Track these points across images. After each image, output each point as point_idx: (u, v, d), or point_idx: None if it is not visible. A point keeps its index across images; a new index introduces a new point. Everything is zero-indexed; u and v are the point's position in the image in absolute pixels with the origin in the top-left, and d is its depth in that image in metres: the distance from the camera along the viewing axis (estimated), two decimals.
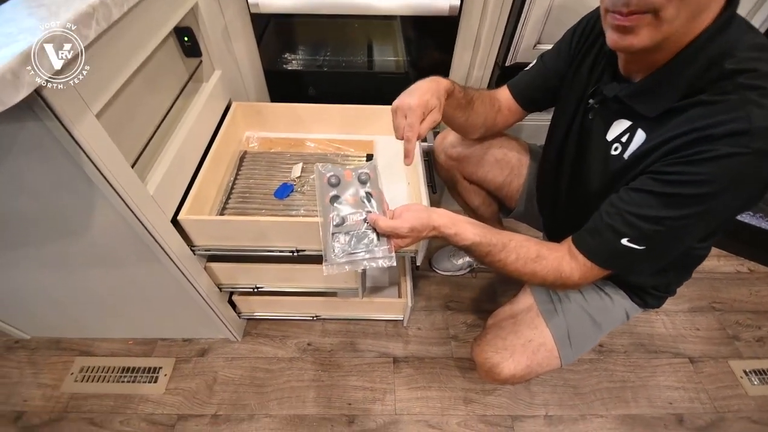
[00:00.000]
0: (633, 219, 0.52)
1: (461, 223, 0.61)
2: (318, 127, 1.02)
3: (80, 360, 1.04)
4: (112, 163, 0.55)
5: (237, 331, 1.06)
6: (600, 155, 0.61)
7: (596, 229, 0.57)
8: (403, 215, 0.60)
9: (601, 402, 1.01)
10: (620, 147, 0.57)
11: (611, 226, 0.55)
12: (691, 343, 1.12)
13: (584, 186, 0.65)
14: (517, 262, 0.61)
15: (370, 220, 0.60)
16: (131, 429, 0.93)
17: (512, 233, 0.63)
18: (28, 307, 0.95)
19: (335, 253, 0.58)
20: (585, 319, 0.76)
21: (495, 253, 0.61)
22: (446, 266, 1.23)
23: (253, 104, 0.98)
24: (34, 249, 0.73)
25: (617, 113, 0.58)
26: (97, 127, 0.52)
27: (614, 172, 0.58)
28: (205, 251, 0.80)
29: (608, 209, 0.56)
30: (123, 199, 0.58)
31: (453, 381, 1.03)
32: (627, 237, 0.53)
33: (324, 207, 0.62)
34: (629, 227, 0.53)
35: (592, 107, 0.63)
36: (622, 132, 0.57)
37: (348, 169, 0.65)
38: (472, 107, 0.74)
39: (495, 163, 0.88)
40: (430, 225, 0.60)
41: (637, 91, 0.54)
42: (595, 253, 0.58)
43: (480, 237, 0.60)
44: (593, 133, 0.63)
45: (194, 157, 0.82)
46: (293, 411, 0.97)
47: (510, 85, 0.79)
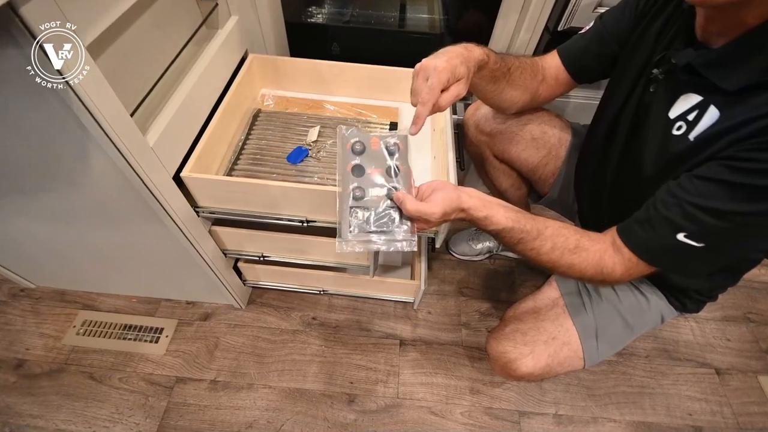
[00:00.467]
0: (694, 211, 0.45)
1: (493, 205, 0.54)
2: (339, 89, 0.94)
3: (83, 314, 1.03)
4: (106, 106, 0.49)
5: (241, 299, 1.02)
6: (658, 135, 0.52)
7: (648, 220, 0.50)
8: (432, 198, 0.52)
9: (615, 406, 0.95)
10: (685, 126, 0.48)
11: (667, 219, 0.47)
12: (719, 354, 1.05)
13: (635, 171, 0.57)
14: (553, 252, 0.54)
15: (396, 198, 0.52)
16: (130, 387, 0.92)
17: (548, 219, 0.56)
18: (32, 257, 0.92)
19: (351, 230, 0.51)
20: (616, 319, 0.69)
21: (528, 241, 0.54)
22: (464, 250, 1.16)
23: (270, 57, 0.90)
24: (30, 197, 0.69)
25: (686, 86, 0.49)
26: (87, 60, 0.45)
27: (674, 156, 0.50)
28: (210, 214, 0.74)
29: (665, 198, 0.48)
30: (117, 147, 0.51)
31: (460, 369, 0.98)
32: (684, 232, 0.46)
33: (344, 176, 0.55)
34: (689, 221, 0.46)
35: (655, 78, 0.54)
36: (690, 108, 0.48)
37: (375, 136, 0.57)
38: (508, 80, 0.64)
39: (531, 142, 0.79)
40: (459, 207, 0.53)
41: (717, 58, 0.45)
42: (645, 247, 0.51)
43: (513, 222, 0.53)
44: (653, 109, 0.54)
45: (202, 110, 0.75)
46: (293, 384, 0.94)
47: (560, 51, 0.69)
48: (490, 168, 0.88)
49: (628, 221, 0.53)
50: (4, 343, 0.97)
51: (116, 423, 0.87)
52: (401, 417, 0.91)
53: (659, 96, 0.53)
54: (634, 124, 0.59)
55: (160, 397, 0.91)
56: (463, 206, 0.53)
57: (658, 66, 0.54)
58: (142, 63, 0.64)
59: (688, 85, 0.49)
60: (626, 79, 0.59)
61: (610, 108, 0.63)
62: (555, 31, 0.80)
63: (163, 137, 0.61)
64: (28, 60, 0.42)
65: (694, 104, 0.48)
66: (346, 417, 0.90)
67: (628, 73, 0.59)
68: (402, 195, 0.52)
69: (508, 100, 0.69)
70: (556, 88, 0.70)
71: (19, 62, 0.42)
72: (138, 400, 0.90)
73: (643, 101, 0.56)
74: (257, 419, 0.89)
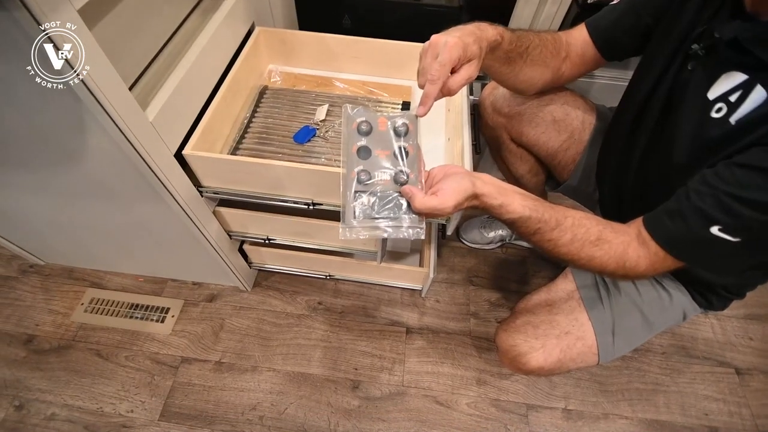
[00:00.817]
0: (732, 203, 0.41)
1: (509, 192, 0.50)
2: (350, 66, 0.89)
3: (91, 291, 1.03)
4: (101, 77, 0.46)
5: (247, 281, 1.01)
6: (694, 118, 0.48)
7: (679, 210, 0.46)
8: (443, 188, 0.48)
9: (628, 403, 0.92)
10: (725, 108, 0.44)
11: (700, 210, 0.43)
12: (740, 353, 1.00)
13: (664, 157, 0.52)
14: (572, 244, 0.50)
15: (405, 194, 0.49)
16: (135, 365, 0.92)
17: (569, 209, 0.51)
18: (41, 234, 0.92)
19: (355, 215, 0.48)
20: (635, 315, 0.66)
21: (546, 232, 0.50)
22: (475, 238, 1.12)
23: (278, 30, 0.85)
24: (31, 171, 0.67)
25: (729, 63, 0.44)
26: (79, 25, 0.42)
27: (711, 141, 0.45)
28: (213, 194, 0.72)
29: (698, 188, 0.44)
30: (114, 120, 0.49)
31: (467, 360, 0.96)
32: (719, 225, 0.42)
33: (349, 158, 0.51)
34: (725, 213, 0.42)
35: (695, 54, 0.49)
36: (733, 88, 0.43)
37: (383, 116, 0.53)
38: (525, 59, 0.59)
39: (552, 124, 0.74)
40: (473, 194, 0.48)
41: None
42: (674, 240, 0.47)
43: (530, 210, 0.49)
44: (690, 89, 0.49)
45: (206, 85, 0.71)
46: (297, 368, 0.93)
47: (589, 25, 0.63)
48: (506, 152, 0.83)
49: (656, 212, 0.49)
50: (15, 318, 0.98)
51: (122, 400, 0.87)
52: (405, 405, 0.89)
53: (698, 74, 0.48)
54: (666, 105, 0.53)
55: (165, 376, 0.91)
56: (477, 192, 0.48)
57: (698, 41, 0.48)
58: (143, 33, 0.60)
59: (732, 62, 0.44)
60: (661, 56, 0.54)
61: (641, 88, 0.57)
62: (584, 3, 0.73)
63: (164, 112, 0.58)
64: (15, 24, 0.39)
65: (738, 84, 0.43)
66: (349, 403, 0.89)
67: (664, 49, 0.53)
68: (410, 190, 0.48)
69: (526, 81, 0.64)
70: (582, 66, 0.65)
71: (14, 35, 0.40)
72: (144, 378, 0.90)
73: (679, 80, 0.51)
74: (261, 402, 0.88)
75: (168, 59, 0.66)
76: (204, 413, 0.86)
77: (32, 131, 0.57)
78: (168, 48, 0.67)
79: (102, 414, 0.86)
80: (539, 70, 0.62)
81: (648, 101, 0.56)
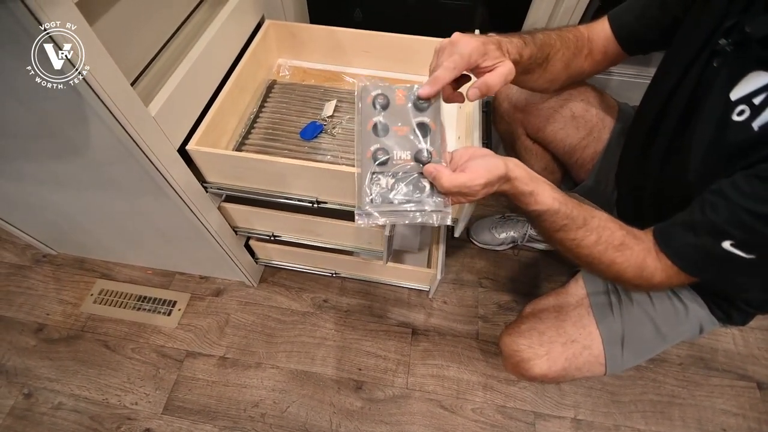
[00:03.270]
0: (747, 217, 0.38)
1: (540, 181, 0.46)
2: (360, 60, 0.87)
3: (101, 282, 1.04)
4: (101, 71, 0.45)
5: (253, 277, 1.01)
6: (714, 119, 0.44)
7: (690, 223, 0.43)
8: (471, 166, 0.43)
9: (641, 414, 0.89)
10: (748, 111, 0.40)
11: (713, 223, 0.41)
12: (763, 367, 0.95)
13: (683, 161, 0.49)
14: (596, 246, 0.47)
15: (428, 173, 0.43)
16: (142, 358, 0.93)
17: (593, 209, 0.48)
18: (53, 224, 0.93)
19: (372, 200, 0.43)
20: (647, 326, 0.63)
21: (572, 230, 0.47)
22: (486, 239, 1.09)
23: (287, 24, 0.83)
24: (39, 165, 0.67)
25: (757, 62, 0.41)
26: (77, 18, 0.41)
27: (731, 147, 0.42)
28: (218, 190, 0.71)
29: (713, 199, 0.41)
30: (113, 114, 0.48)
31: (474, 364, 0.94)
32: (732, 240, 0.40)
33: (364, 136, 0.46)
34: (738, 227, 0.39)
35: (722, 49, 0.45)
36: (757, 90, 0.40)
37: (400, 88, 0.47)
38: (546, 67, 0.56)
39: (571, 120, 0.70)
40: (505, 175, 0.43)
41: None
42: (683, 254, 0.45)
43: (560, 204, 0.45)
44: (714, 88, 0.46)
45: (212, 79, 0.70)
46: (301, 366, 0.92)
47: (611, 17, 0.59)
48: (521, 149, 0.79)
49: (668, 223, 0.46)
50: (27, 306, 1.00)
51: (127, 392, 0.88)
52: (409, 408, 0.88)
53: (723, 72, 0.45)
54: (689, 105, 0.50)
55: (170, 369, 0.91)
56: (509, 175, 0.44)
57: (727, 35, 0.44)
58: (148, 27, 0.59)
59: (762, 61, 0.40)
60: (686, 51, 0.50)
61: (664, 85, 0.54)
62: None
63: (167, 107, 0.57)
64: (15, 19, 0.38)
65: (764, 85, 0.40)
66: (352, 404, 0.88)
67: (690, 43, 0.49)
68: (434, 168, 0.43)
69: (547, 83, 0.60)
70: (604, 62, 0.61)
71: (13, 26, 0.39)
72: (149, 371, 0.91)
73: (703, 78, 0.48)
74: (263, 399, 0.88)
75: (174, 53, 0.65)
76: (206, 408, 0.86)
77: (40, 126, 0.56)
78: (175, 41, 0.66)
79: (107, 405, 0.86)
80: (560, 72, 0.59)
81: (670, 99, 0.53)
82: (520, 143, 0.78)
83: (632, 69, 0.84)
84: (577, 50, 0.58)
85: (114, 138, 0.53)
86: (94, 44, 0.44)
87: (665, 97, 0.53)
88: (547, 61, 0.55)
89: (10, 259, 1.08)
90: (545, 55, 0.54)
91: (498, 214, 1.12)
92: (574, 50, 0.58)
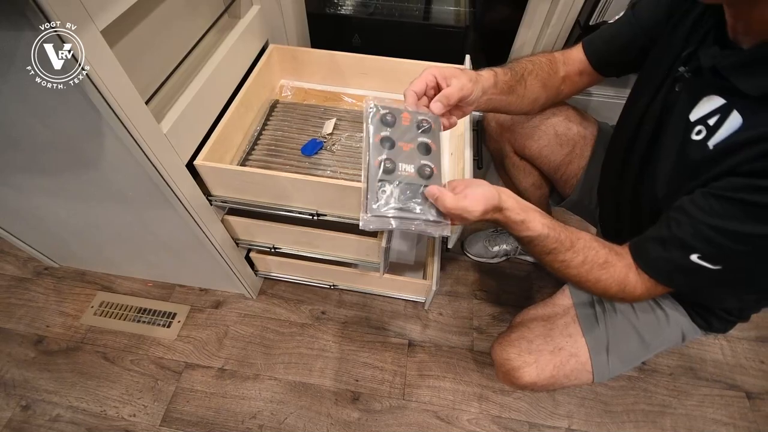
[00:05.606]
0: (709, 233, 0.42)
1: (530, 210, 0.51)
2: (358, 82, 0.92)
3: (101, 294, 1.05)
4: (120, 91, 0.49)
5: (252, 289, 1.03)
6: (677, 139, 0.49)
7: (659, 237, 0.47)
8: (470, 194, 0.47)
9: (633, 424, 0.90)
10: (704, 131, 0.45)
11: (678, 238, 0.45)
12: (751, 377, 0.98)
13: (653, 179, 0.53)
14: (583, 266, 0.51)
15: (430, 194, 0.47)
16: (140, 369, 0.93)
17: (579, 230, 0.53)
18: (56, 237, 0.95)
19: (378, 204, 0.47)
20: (631, 335, 0.65)
21: (560, 252, 0.51)
22: (479, 252, 1.12)
23: (290, 48, 0.89)
24: (49, 175, 0.70)
25: (710, 86, 0.45)
26: (101, 44, 0.45)
27: (692, 164, 0.46)
28: (222, 203, 0.74)
29: (677, 217, 0.45)
30: (129, 132, 0.51)
31: (469, 375, 0.96)
32: (698, 253, 0.43)
33: (372, 147, 0.50)
34: (701, 241, 0.43)
35: (681, 76, 0.50)
36: (711, 112, 0.44)
37: (406, 111, 0.52)
38: (524, 85, 0.62)
39: (554, 138, 0.75)
40: (498, 206, 0.48)
41: (743, 61, 0.41)
42: (656, 267, 0.49)
43: (549, 230, 0.50)
44: (675, 110, 0.50)
45: (219, 98, 0.74)
46: (299, 378, 0.93)
47: (585, 43, 0.65)
48: (510, 165, 0.84)
49: (641, 239, 0.50)
50: (27, 319, 1.01)
51: (125, 404, 0.88)
52: (406, 419, 0.89)
53: (683, 96, 0.49)
54: (657, 125, 0.54)
55: (168, 381, 0.92)
56: (502, 206, 0.49)
57: (686, 63, 0.50)
58: (162, 50, 0.64)
59: (713, 86, 0.45)
60: (654, 77, 0.55)
61: (635, 108, 0.59)
62: (586, 25, 0.75)
63: (178, 124, 0.61)
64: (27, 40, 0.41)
65: (717, 107, 0.44)
66: (349, 415, 0.89)
67: (657, 70, 0.55)
68: (438, 190, 0.47)
69: (529, 104, 0.66)
70: (580, 84, 0.67)
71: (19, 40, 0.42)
72: (148, 382, 0.92)
73: (668, 100, 0.52)
74: (261, 410, 0.89)
75: (185, 74, 0.70)
76: (204, 420, 0.87)
77: (54, 140, 0.60)
78: (185, 64, 0.70)
79: (105, 417, 0.87)
80: (539, 91, 0.65)
81: (642, 120, 0.57)
82: (509, 160, 0.83)
83: (611, 90, 0.89)
84: (552, 71, 0.65)
85: (127, 153, 0.56)
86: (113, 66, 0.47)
87: (638, 118, 0.58)
88: (523, 79, 0.62)
89: (11, 271, 1.09)
90: (520, 75, 0.62)
91: (491, 227, 1.16)
92: (549, 71, 0.64)
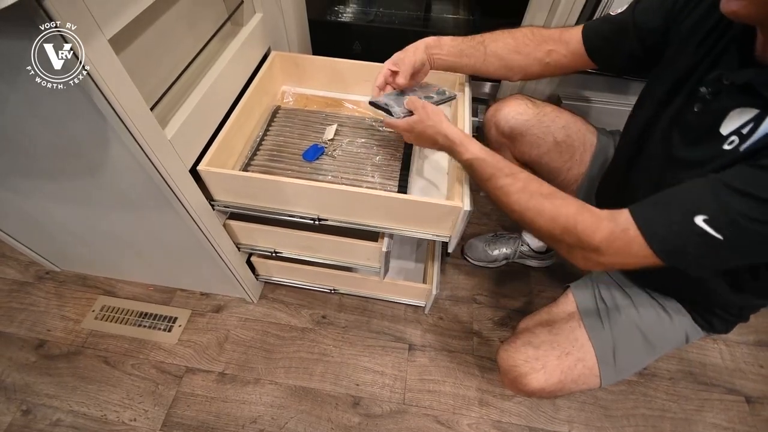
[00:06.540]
0: (724, 190, 0.41)
1: (472, 139, 0.61)
2: (359, 88, 0.93)
3: (103, 299, 1.06)
4: (125, 98, 0.50)
5: (253, 293, 1.03)
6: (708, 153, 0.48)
7: (665, 198, 0.46)
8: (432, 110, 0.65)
9: (633, 428, 0.90)
10: (737, 140, 0.46)
11: (688, 196, 0.44)
12: (750, 381, 0.98)
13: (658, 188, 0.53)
14: (522, 192, 0.54)
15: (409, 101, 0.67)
16: (141, 374, 0.94)
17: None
18: (58, 241, 0.95)
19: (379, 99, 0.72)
20: (636, 336, 0.66)
21: (499, 177, 0.56)
22: (480, 256, 1.13)
23: (292, 55, 0.90)
24: (53, 179, 0.71)
25: (738, 101, 0.46)
26: (108, 52, 0.46)
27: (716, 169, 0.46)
28: (225, 207, 0.75)
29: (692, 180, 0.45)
30: (135, 137, 0.52)
31: (470, 379, 0.96)
32: (705, 214, 0.42)
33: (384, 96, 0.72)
34: (715, 201, 0.42)
35: (702, 97, 0.50)
36: (745, 122, 0.45)
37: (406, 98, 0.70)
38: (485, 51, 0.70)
39: (554, 146, 0.76)
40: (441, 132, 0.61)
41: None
42: (653, 223, 0.45)
43: (486, 154, 0.58)
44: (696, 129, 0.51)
45: (222, 105, 0.76)
46: (299, 382, 0.94)
47: (584, 28, 0.66)
48: None
49: (643, 201, 0.48)
50: (28, 323, 1.01)
51: (126, 408, 0.88)
52: (406, 424, 0.89)
53: (705, 116, 0.50)
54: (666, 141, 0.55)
55: (169, 385, 0.92)
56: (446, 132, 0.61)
57: (707, 85, 0.50)
58: (166, 57, 0.65)
59: (743, 99, 0.46)
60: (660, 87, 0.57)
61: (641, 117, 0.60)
62: None
63: (182, 131, 0.62)
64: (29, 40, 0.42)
65: (750, 118, 0.45)
66: (350, 419, 0.89)
67: (663, 80, 0.56)
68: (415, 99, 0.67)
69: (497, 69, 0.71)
70: (573, 62, 0.68)
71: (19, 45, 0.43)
72: (148, 387, 0.92)
73: (682, 118, 0.53)
74: (262, 415, 0.89)
75: (188, 81, 0.71)
76: (205, 424, 0.87)
77: (59, 145, 0.60)
78: (189, 71, 0.71)
79: (105, 421, 0.87)
80: (510, 57, 0.69)
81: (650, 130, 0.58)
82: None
83: (610, 96, 0.91)
84: (531, 41, 0.68)
85: (132, 159, 0.57)
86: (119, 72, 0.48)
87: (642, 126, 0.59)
88: (483, 45, 0.70)
89: (13, 275, 1.10)
90: (477, 41, 0.70)
91: (491, 232, 1.17)
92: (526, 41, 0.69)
